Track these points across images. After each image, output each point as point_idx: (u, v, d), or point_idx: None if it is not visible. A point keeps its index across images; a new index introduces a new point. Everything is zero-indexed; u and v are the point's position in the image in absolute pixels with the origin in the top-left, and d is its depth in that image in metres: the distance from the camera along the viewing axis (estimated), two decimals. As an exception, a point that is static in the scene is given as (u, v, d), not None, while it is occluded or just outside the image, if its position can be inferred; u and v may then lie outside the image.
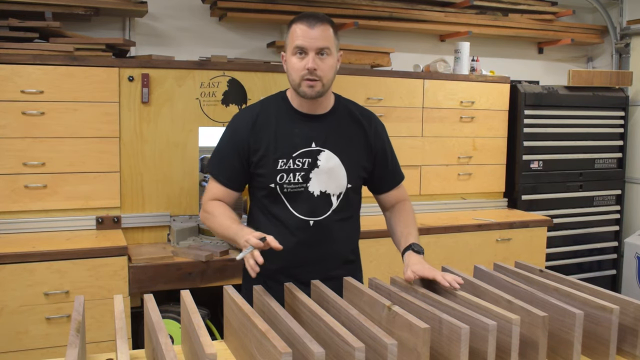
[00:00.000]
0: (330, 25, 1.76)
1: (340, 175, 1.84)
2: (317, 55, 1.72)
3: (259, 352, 1.24)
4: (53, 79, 2.83)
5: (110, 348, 2.59)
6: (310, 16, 1.75)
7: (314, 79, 1.73)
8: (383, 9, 3.72)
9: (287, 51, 1.78)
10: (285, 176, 1.80)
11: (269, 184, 1.81)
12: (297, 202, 1.82)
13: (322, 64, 1.74)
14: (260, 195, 1.86)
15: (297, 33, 1.73)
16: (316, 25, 1.72)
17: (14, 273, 2.54)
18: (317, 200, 1.83)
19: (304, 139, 1.82)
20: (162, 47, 3.47)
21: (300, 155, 1.81)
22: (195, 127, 3.11)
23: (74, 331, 1.26)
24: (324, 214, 1.84)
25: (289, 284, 1.60)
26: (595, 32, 4.50)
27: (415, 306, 1.45)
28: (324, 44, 1.72)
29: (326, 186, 1.83)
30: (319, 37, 1.72)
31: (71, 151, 2.89)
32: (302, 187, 1.81)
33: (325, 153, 1.83)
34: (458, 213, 3.74)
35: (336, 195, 1.85)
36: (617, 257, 4.32)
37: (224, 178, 1.85)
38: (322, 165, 1.82)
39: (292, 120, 1.83)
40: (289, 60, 1.77)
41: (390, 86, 3.52)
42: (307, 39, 1.71)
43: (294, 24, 1.76)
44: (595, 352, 1.50)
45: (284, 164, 1.80)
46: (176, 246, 2.95)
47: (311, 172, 1.81)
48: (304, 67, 1.72)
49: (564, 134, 4.03)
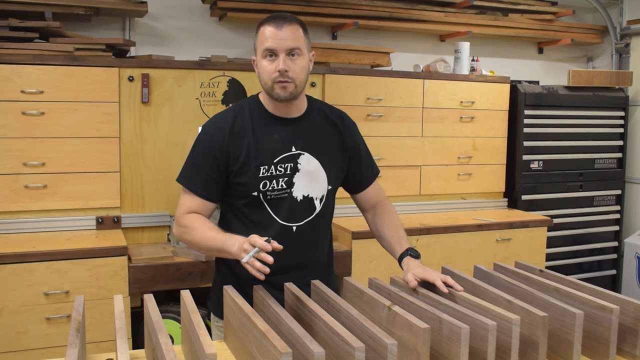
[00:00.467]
0: (299, 25, 1.71)
1: (321, 178, 1.81)
2: (287, 56, 1.68)
3: (259, 352, 1.24)
4: (53, 79, 2.83)
5: (110, 348, 2.59)
6: (278, 17, 1.70)
7: (286, 81, 1.68)
8: (383, 9, 3.72)
9: (257, 54, 1.73)
10: (268, 183, 1.74)
11: (252, 192, 1.74)
12: (280, 208, 1.77)
13: (294, 65, 1.69)
14: (239, 204, 1.78)
15: (266, 35, 1.68)
16: (284, 25, 1.68)
17: (14, 273, 2.54)
18: (300, 204, 1.79)
19: (284, 143, 1.77)
20: (162, 47, 3.46)
21: (281, 160, 1.76)
22: (195, 127, 3.11)
23: (74, 331, 1.26)
24: (307, 218, 1.80)
25: (289, 284, 1.60)
26: (595, 32, 4.50)
27: (415, 306, 1.45)
28: (293, 45, 1.68)
29: (309, 190, 1.79)
30: (288, 37, 1.67)
31: (71, 151, 2.89)
32: (286, 192, 1.76)
33: (305, 156, 1.79)
34: (458, 213, 3.74)
35: (319, 199, 1.82)
36: (617, 257, 4.32)
37: (201, 190, 1.75)
38: (302, 169, 1.78)
39: (269, 124, 1.77)
40: (259, 64, 1.72)
41: (390, 86, 3.52)
42: (276, 40, 1.67)
43: (262, 27, 1.71)
44: (595, 352, 1.50)
45: (265, 171, 1.74)
46: (176, 246, 2.95)
47: (294, 176, 1.77)
48: (274, 70, 1.67)
49: (564, 134, 4.03)
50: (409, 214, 3.58)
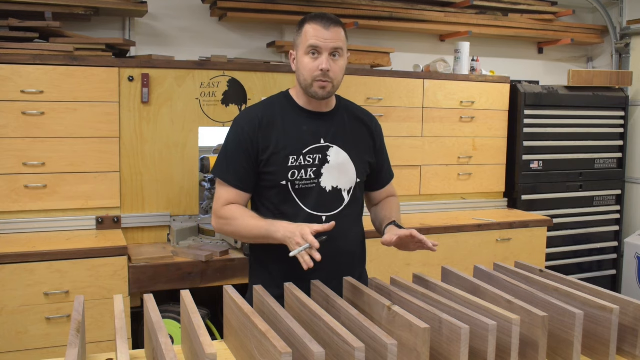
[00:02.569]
0: (342, 27, 1.79)
1: (350, 170, 1.86)
2: (330, 56, 1.75)
3: (259, 352, 1.24)
4: (53, 79, 2.83)
5: (110, 348, 2.59)
6: (324, 17, 1.76)
7: (326, 80, 1.75)
8: (383, 9, 3.72)
9: (299, 50, 1.78)
10: (296, 173, 1.80)
11: (280, 182, 1.79)
12: (308, 199, 1.81)
13: (335, 65, 1.76)
14: (269, 194, 1.84)
15: (311, 33, 1.74)
16: (331, 26, 1.74)
17: (14, 273, 2.54)
18: (329, 195, 1.83)
19: (313, 135, 1.83)
20: (162, 47, 3.47)
21: (310, 151, 1.81)
22: (195, 127, 3.11)
23: (74, 331, 1.26)
24: (336, 209, 1.85)
25: (289, 284, 1.60)
26: (595, 32, 4.50)
27: (415, 306, 1.45)
28: (337, 45, 1.75)
29: (337, 181, 1.84)
30: (333, 38, 1.74)
31: (71, 151, 2.89)
32: (314, 182, 1.81)
33: (333, 149, 1.84)
34: (458, 213, 3.74)
35: (347, 191, 1.87)
36: (617, 257, 4.32)
37: (236, 181, 1.80)
38: (332, 161, 1.83)
39: (299, 117, 1.84)
40: (300, 60, 1.78)
41: (390, 86, 3.52)
42: (322, 40, 1.73)
43: (306, 24, 1.76)
44: (595, 352, 1.50)
45: (294, 161, 1.79)
46: (176, 246, 2.95)
47: (322, 167, 1.82)
48: (317, 68, 1.74)
49: (564, 134, 4.03)
50: (409, 214, 3.58)
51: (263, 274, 1.87)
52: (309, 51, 1.74)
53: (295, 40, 1.81)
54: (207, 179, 3.18)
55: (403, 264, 3.22)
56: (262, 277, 1.84)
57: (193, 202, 3.13)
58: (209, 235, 3.07)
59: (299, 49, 1.78)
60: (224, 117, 3.15)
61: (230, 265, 2.83)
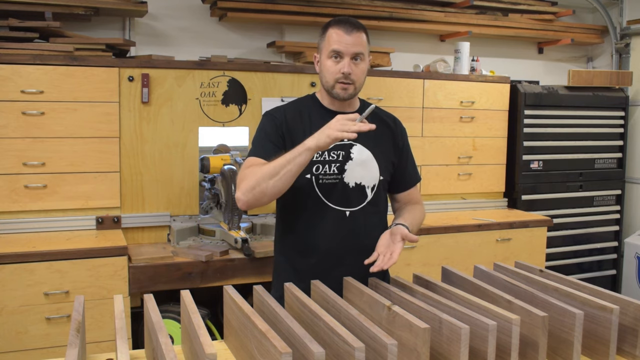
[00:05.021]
0: (364, 32, 1.84)
1: (373, 168, 1.90)
2: (351, 60, 1.80)
3: (259, 352, 1.24)
4: (53, 79, 2.83)
5: (110, 348, 2.59)
6: (347, 22, 1.83)
7: (348, 82, 1.81)
8: (383, 9, 3.72)
9: (322, 54, 1.85)
10: (320, 167, 1.84)
11: (304, 175, 1.82)
12: (332, 194, 1.85)
13: (356, 69, 1.82)
14: (293, 188, 1.82)
15: (334, 38, 1.80)
16: (353, 31, 1.80)
17: (14, 273, 2.54)
18: (352, 191, 1.87)
19: None
20: (162, 47, 3.46)
21: (334, 148, 1.85)
22: (195, 127, 3.11)
23: (74, 331, 1.26)
24: (359, 205, 1.88)
25: (289, 284, 1.60)
26: (595, 32, 4.50)
27: (415, 306, 1.45)
28: (359, 50, 1.80)
29: (361, 178, 1.88)
30: (355, 43, 1.80)
31: (71, 151, 2.89)
32: (337, 178, 1.85)
33: (357, 147, 1.89)
34: (458, 213, 3.74)
35: (370, 187, 1.90)
36: (617, 257, 4.32)
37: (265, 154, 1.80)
38: (355, 158, 1.87)
39: (324, 116, 1.87)
40: (323, 63, 1.85)
41: (390, 86, 3.52)
42: (344, 44, 1.79)
43: (330, 28, 1.83)
44: (595, 352, 1.50)
45: (319, 156, 1.83)
46: (176, 246, 2.95)
47: (346, 164, 1.86)
48: (339, 71, 1.80)
49: (564, 134, 4.03)
50: (409, 214, 3.57)
51: (287, 271, 1.90)
52: (332, 55, 1.81)
53: (319, 43, 1.88)
54: (207, 179, 3.18)
55: (403, 264, 3.22)
56: (288, 273, 1.88)
57: (193, 202, 3.13)
58: (209, 235, 3.07)
59: (323, 53, 1.85)
60: (224, 117, 3.15)
61: (230, 265, 2.83)
